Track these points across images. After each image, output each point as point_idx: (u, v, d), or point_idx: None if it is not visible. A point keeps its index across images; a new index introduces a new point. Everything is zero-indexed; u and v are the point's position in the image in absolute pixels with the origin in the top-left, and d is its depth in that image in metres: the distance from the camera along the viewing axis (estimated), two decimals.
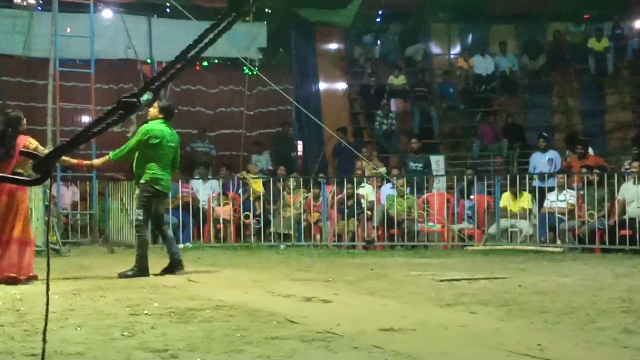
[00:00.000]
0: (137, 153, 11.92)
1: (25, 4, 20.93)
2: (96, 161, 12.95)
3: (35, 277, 11.28)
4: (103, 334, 7.29)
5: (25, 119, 11.82)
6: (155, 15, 21.62)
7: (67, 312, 8.35)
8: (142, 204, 12.11)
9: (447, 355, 6.23)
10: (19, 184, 10.02)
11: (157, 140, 11.82)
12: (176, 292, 10.15)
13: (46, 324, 4.96)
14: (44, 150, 11.29)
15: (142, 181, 12.05)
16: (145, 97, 2.90)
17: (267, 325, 7.72)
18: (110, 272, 12.13)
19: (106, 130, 3.10)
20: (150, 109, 11.80)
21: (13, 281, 10.94)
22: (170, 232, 12.88)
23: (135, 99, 2.92)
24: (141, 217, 12.08)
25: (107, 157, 12.38)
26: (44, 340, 4.93)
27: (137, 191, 12.28)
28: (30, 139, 11.49)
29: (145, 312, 8.51)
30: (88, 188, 18.31)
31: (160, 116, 11.92)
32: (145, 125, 11.93)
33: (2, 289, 10.45)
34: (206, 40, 3.16)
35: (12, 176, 8.89)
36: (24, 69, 21.03)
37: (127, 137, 13.12)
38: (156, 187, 12.02)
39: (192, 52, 3.09)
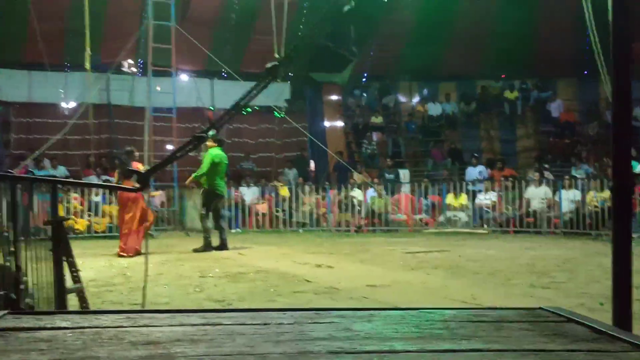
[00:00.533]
0: None
1: (130, 70, 20.97)
2: (187, 181, 13.35)
3: (140, 252, 11.32)
4: (182, 290, 7.31)
5: (136, 151, 12.23)
6: (216, 78, 21.63)
7: (158, 276, 8.37)
8: (205, 203, 12.20)
9: (412, 302, 6.22)
10: (131, 192, 10.05)
11: (218, 160, 11.94)
12: (230, 262, 10.17)
13: (145, 282, 4.97)
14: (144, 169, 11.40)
15: (206, 187, 12.14)
16: (211, 132, 2.89)
17: (291, 283, 7.74)
18: (186, 249, 12.15)
19: (185, 155, 3.10)
20: (208, 142, 11.83)
21: (133, 254, 11.06)
22: (224, 224, 12.95)
23: (204, 134, 2.92)
24: (204, 212, 12.17)
25: (192, 176, 12.62)
26: (144, 295, 4.94)
27: (202, 194, 12.36)
28: (139, 164, 11.67)
29: (210, 275, 8.53)
30: (171, 193, 18.36)
31: (215, 145, 12.03)
32: (210, 151, 11.98)
33: (115, 260, 10.48)
34: (250, 94, 3.16)
35: (126, 186, 8.94)
36: (129, 114, 21.05)
37: (199, 159, 13.19)
38: (216, 191, 12.09)
39: (241, 103, 3.09)
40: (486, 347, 1.44)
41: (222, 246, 12.01)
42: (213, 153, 11.97)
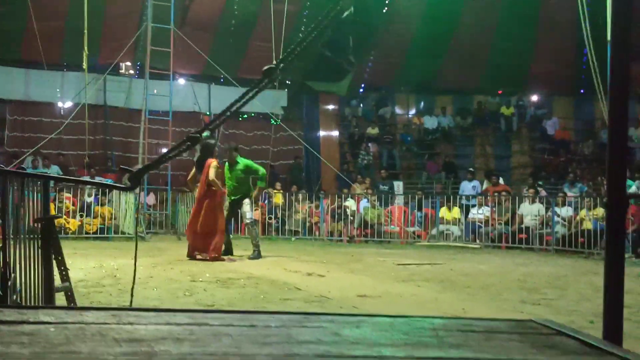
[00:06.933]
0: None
1: (127, 72, 20.96)
2: (256, 192, 12.42)
3: (220, 259, 11.06)
4: (171, 294, 7.27)
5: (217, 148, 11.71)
6: (213, 83, 21.63)
7: (148, 279, 8.33)
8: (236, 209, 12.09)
9: (403, 314, 6.21)
10: (116, 189, 9.92)
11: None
12: (221, 267, 10.12)
13: (134, 283, 4.94)
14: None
15: (242, 195, 11.91)
16: (205, 134, 2.87)
17: (281, 290, 7.70)
18: (177, 253, 12.06)
19: (178, 155, 3.08)
20: (233, 153, 11.69)
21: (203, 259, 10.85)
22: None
23: (198, 135, 2.90)
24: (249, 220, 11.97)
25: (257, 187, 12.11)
26: (132, 295, 4.90)
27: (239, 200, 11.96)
28: (211, 160, 11.15)
29: (200, 279, 8.49)
30: (164, 195, 18.33)
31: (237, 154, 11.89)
32: (242, 160, 11.81)
33: (105, 262, 10.41)
34: (246, 98, 3.15)
35: (112, 184, 8.85)
36: (125, 116, 21.03)
37: (193, 161, 12.94)
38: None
39: (234, 107, 3.07)
40: (475, 357, 1.42)
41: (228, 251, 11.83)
42: (246, 160, 11.85)
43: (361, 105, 24.64)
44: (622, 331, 2.63)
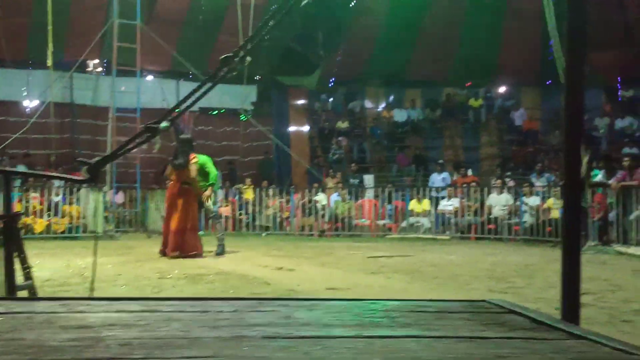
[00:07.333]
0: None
1: (94, 70, 20.75)
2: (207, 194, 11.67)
3: (198, 255, 10.92)
4: (140, 291, 7.22)
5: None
6: (182, 79, 21.50)
7: (117, 276, 8.27)
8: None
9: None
10: (74, 182, 9.73)
11: None
12: (190, 263, 10.07)
13: (93, 276, 4.89)
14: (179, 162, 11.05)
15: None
16: (163, 124, 2.85)
17: (251, 285, 7.68)
18: (147, 250, 11.98)
19: (137, 147, 3.06)
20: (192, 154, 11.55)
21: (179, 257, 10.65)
22: None
23: (156, 125, 2.88)
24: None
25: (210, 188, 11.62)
26: (92, 290, 4.86)
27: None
28: (194, 155, 11.14)
29: (169, 276, 8.44)
30: (133, 193, 18.18)
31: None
32: (202, 157, 11.55)
33: (73, 261, 10.30)
34: (207, 87, 3.13)
35: (69, 176, 8.67)
36: (92, 113, 20.82)
37: (163, 159, 12.71)
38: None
39: (193, 97, 3.05)
40: (422, 334, 1.44)
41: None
42: (204, 157, 11.77)
43: (331, 99, 24.65)
44: (579, 309, 2.66)
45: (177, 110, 3.18)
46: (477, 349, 1.34)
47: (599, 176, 14.86)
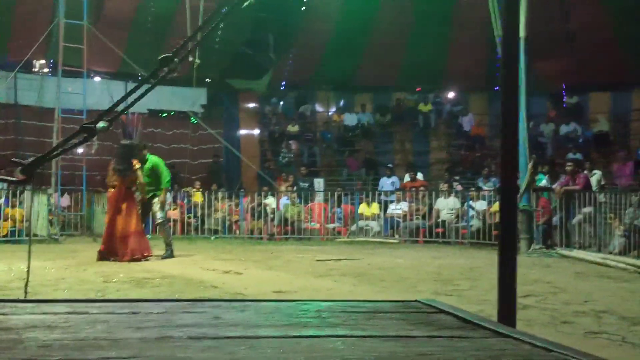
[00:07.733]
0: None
1: (40, 70, 20.32)
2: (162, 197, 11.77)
3: (149, 255, 10.92)
4: (83, 295, 7.11)
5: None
6: (130, 81, 21.19)
7: (60, 280, 8.14)
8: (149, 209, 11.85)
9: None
10: (9, 183, 9.55)
11: None
12: (136, 267, 9.96)
13: (27, 278, 4.80)
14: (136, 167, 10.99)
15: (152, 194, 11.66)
16: (101, 124, 2.81)
17: (197, 288, 7.64)
18: (92, 254, 11.73)
19: (74, 148, 3.01)
20: (145, 151, 11.47)
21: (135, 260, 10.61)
22: None
23: (92, 125, 2.84)
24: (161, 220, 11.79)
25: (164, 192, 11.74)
26: (26, 292, 4.78)
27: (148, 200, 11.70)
28: (135, 161, 11.07)
29: (114, 280, 8.33)
30: (79, 196, 17.86)
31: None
32: (151, 158, 11.55)
33: (15, 265, 10.06)
34: (144, 88, 3.09)
35: (8, 178, 8.47)
36: (37, 115, 20.37)
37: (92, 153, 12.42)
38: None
39: (131, 97, 3.02)
40: (349, 334, 1.45)
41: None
42: (156, 159, 11.66)
43: (281, 103, 24.63)
44: (514, 311, 2.71)
45: (115, 110, 3.14)
46: (402, 347, 1.35)
47: (543, 181, 15.18)
